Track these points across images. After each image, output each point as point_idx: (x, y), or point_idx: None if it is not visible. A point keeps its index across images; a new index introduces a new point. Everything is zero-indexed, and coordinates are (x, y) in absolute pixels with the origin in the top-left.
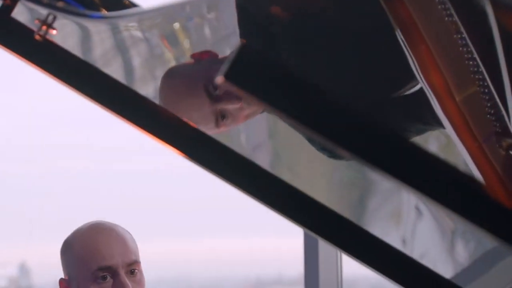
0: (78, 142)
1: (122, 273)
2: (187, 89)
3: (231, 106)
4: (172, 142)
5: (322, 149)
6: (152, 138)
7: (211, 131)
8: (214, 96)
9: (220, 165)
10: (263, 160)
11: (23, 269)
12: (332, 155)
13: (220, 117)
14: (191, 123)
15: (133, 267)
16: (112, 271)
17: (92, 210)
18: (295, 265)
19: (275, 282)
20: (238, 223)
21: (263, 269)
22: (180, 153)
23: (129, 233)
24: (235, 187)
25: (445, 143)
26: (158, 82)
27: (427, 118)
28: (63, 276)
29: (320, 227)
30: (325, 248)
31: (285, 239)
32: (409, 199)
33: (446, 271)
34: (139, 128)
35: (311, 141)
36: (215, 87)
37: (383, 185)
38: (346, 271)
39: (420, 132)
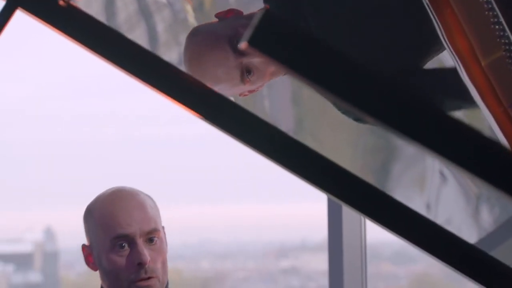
0: (103, 110)
1: (139, 242)
2: (211, 44)
3: (256, 60)
4: (196, 108)
5: (347, 112)
6: (176, 104)
7: (236, 88)
8: (239, 49)
9: (244, 131)
10: (286, 127)
11: (49, 234)
12: (357, 119)
13: (246, 72)
14: (215, 90)
15: (152, 235)
16: (130, 240)
17: (117, 176)
18: (319, 231)
19: (298, 248)
20: (262, 189)
21: (287, 235)
22: (204, 119)
23: (150, 198)
24: (259, 153)
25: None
26: (182, 48)
27: (465, 95)
28: (86, 242)
29: (344, 193)
30: (348, 214)
31: (308, 205)
32: (433, 165)
33: (470, 236)
34: (163, 94)
35: (336, 105)
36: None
37: (407, 150)
38: (369, 237)
39: (458, 108)
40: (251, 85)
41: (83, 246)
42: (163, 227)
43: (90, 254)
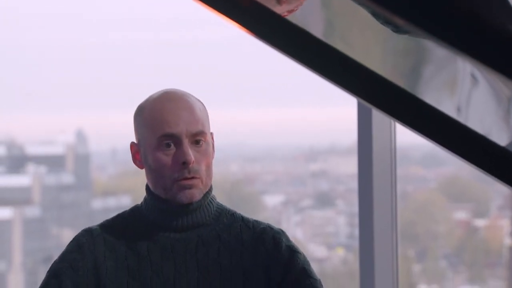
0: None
1: (185, 141)
2: None
3: None
4: (227, 12)
5: (386, 23)
6: (207, 7)
7: (274, 10)
8: None
9: (274, 35)
10: (315, 29)
11: (80, 137)
12: (397, 29)
13: None
14: None
15: (198, 137)
16: (176, 139)
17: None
18: (348, 135)
19: (328, 151)
20: (291, 93)
21: (316, 138)
22: (235, 23)
23: (201, 102)
24: (289, 57)
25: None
26: None
27: None
28: (135, 140)
29: (374, 96)
30: (378, 117)
31: (338, 108)
32: (464, 67)
33: (501, 138)
34: (202, 3)
35: (375, 15)
36: None
37: (439, 53)
38: (399, 140)
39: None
40: (288, 5)
41: (131, 144)
42: (211, 133)
43: (137, 152)
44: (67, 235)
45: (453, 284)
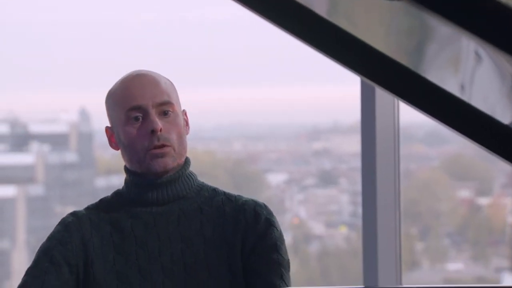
0: None
1: (152, 112)
2: None
3: None
4: None
5: None
6: None
7: None
8: None
9: (277, 13)
10: (319, 8)
11: (83, 115)
12: None
13: None
14: None
15: (165, 107)
16: (143, 111)
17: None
18: (351, 113)
19: (331, 130)
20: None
21: (319, 117)
22: (242, 3)
23: (167, 79)
24: (293, 35)
25: None
26: None
27: None
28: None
29: (377, 74)
30: (381, 95)
31: (341, 87)
32: (468, 45)
33: (504, 116)
34: None
35: None
36: None
37: (442, 31)
38: (402, 118)
39: None
40: None
41: (106, 128)
42: (184, 110)
43: (112, 135)
44: None
45: (456, 262)
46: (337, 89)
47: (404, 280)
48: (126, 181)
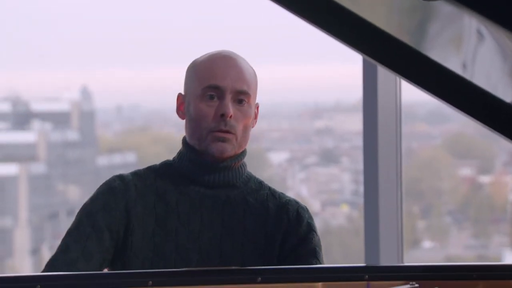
0: None
1: (228, 96)
2: None
3: None
4: None
5: None
6: None
7: None
8: None
9: None
10: None
11: (85, 94)
12: None
13: None
14: None
15: (242, 96)
16: (220, 92)
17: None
18: (353, 92)
19: (333, 108)
20: (296, 50)
21: (321, 95)
22: None
23: (253, 69)
24: (295, 14)
25: None
26: None
27: None
28: (182, 92)
29: (379, 53)
30: (383, 74)
31: (343, 66)
32: (470, 23)
33: (506, 95)
34: None
35: None
36: None
37: (444, 9)
38: (404, 97)
39: None
40: None
41: (179, 95)
42: (257, 104)
43: (182, 103)
44: (73, 192)
45: (458, 240)
46: (339, 68)
47: (405, 258)
48: (180, 154)
